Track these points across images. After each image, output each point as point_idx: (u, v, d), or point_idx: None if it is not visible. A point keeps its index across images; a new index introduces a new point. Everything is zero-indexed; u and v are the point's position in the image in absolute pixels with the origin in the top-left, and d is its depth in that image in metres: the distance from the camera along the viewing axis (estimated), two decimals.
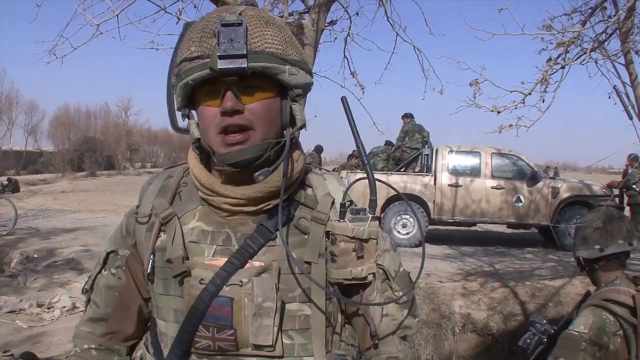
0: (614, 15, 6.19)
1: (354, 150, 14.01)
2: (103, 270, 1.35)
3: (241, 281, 1.13)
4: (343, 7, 6.38)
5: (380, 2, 6.59)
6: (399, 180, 10.74)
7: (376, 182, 1.20)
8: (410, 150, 11.94)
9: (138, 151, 49.27)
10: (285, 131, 1.17)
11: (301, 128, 1.20)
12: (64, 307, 6.32)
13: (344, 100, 1.22)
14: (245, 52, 1.04)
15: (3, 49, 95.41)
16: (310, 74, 1.19)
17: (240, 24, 1.05)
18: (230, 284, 1.13)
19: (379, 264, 1.25)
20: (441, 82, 7.09)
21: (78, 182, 28.78)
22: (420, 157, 11.97)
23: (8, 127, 43.01)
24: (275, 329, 1.13)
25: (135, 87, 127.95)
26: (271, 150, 1.13)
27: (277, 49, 1.09)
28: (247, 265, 1.15)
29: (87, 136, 43.96)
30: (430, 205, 10.72)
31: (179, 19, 5.42)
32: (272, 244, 1.17)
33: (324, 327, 1.19)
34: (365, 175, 1.20)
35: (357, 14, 6.82)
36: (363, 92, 6.90)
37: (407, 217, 10.55)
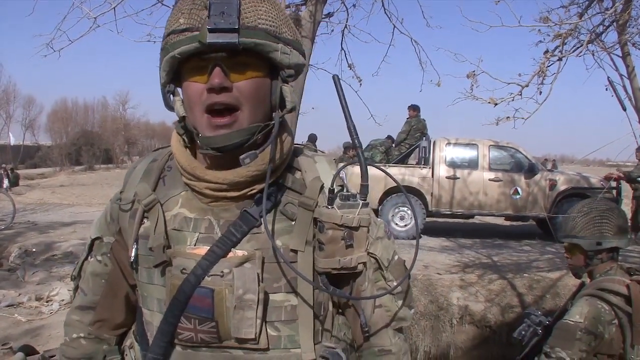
0: (611, 8, 6.18)
1: (344, 143, 14.01)
2: (89, 257, 1.32)
3: (222, 272, 1.09)
4: None
5: None
6: (397, 173, 10.71)
7: (378, 173, 1.16)
8: (409, 146, 11.92)
9: (136, 144, 49.34)
10: (274, 113, 1.11)
11: (291, 111, 1.14)
12: (63, 300, 6.31)
13: (335, 78, 1.17)
14: (237, 27, 0.98)
15: (0, 43, 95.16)
16: (303, 54, 1.14)
17: None
18: (212, 275, 1.09)
19: (371, 253, 1.20)
20: (438, 74, 7.13)
21: (76, 176, 28.82)
22: (417, 149, 11.96)
23: (6, 121, 43.12)
24: (259, 321, 1.09)
25: (133, 81, 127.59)
26: (258, 134, 1.08)
27: (271, 25, 1.04)
28: (230, 254, 1.10)
29: (85, 130, 44.09)
30: (428, 197, 10.70)
31: None
32: (257, 231, 1.12)
33: (312, 318, 1.14)
34: (357, 163, 1.15)
35: (354, 5, 6.85)
36: (360, 84, 6.91)
37: (405, 209, 10.54)
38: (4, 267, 8.14)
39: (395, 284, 1.23)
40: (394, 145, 12.25)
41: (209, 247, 1.10)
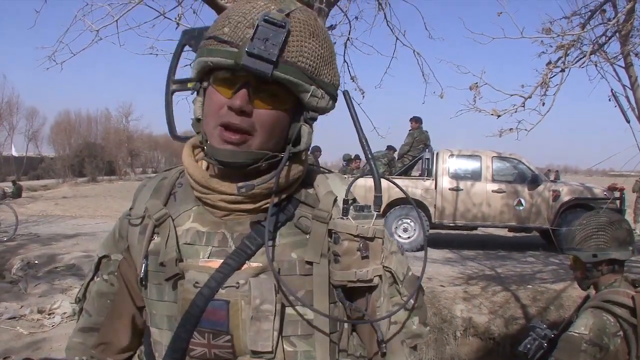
0: (614, 18, 6.17)
1: (344, 155, 14.01)
2: (95, 276, 1.29)
3: (238, 283, 1.06)
4: (342, 11, 6.39)
5: (380, 7, 6.59)
6: (400, 185, 10.67)
7: (380, 184, 1.14)
8: (412, 158, 11.92)
9: (139, 156, 49.51)
10: (287, 146, 1.09)
11: (303, 151, 1.13)
12: (65, 313, 6.31)
13: (346, 94, 1.16)
14: (274, 60, 0.97)
15: (3, 54, 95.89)
16: (335, 98, 1.14)
17: (282, 27, 0.99)
18: (227, 286, 1.06)
19: (386, 267, 1.19)
20: (441, 86, 7.06)
21: (79, 188, 28.87)
22: (420, 161, 11.96)
23: (9, 132, 43.28)
24: (275, 333, 1.05)
25: (136, 93, 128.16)
26: (264, 162, 1.08)
27: (310, 65, 1.03)
28: (245, 266, 1.08)
29: (88, 142, 44.17)
30: (432, 209, 10.71)
31: (178, 24, 5.43)
32: (271, 244, 1.10)
33: (328, 334, 1.11)
34: (369, 175, 1.15)
35: (356, 18, 6.81)
36: (363, 96, 6.89)
37: (408, 221, 10.53)
38: (6, 279, 8.14)
39: (412, 300, 1.22)
40: (396, 157, 12.26)
41: (222, 260, 1.09)
